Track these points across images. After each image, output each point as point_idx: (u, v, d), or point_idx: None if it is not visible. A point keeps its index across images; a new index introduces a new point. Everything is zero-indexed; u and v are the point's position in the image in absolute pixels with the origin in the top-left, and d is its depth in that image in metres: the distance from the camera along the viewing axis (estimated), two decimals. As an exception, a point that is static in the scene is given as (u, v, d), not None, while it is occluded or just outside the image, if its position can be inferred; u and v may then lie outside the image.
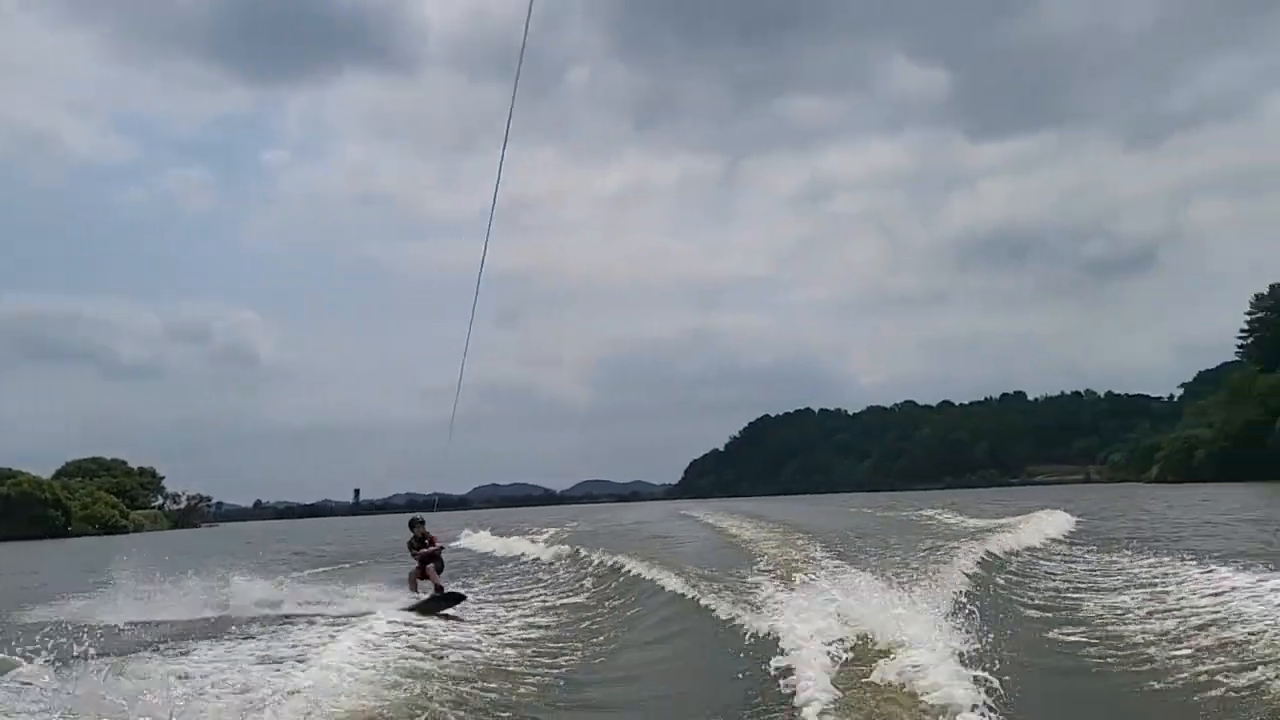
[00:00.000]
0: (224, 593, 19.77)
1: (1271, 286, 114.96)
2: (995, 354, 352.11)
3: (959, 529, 29.31)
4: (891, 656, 8.26)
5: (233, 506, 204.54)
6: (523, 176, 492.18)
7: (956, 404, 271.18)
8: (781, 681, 8.07)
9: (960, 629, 9.40)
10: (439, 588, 18.29)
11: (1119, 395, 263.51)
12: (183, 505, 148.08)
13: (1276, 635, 9.49)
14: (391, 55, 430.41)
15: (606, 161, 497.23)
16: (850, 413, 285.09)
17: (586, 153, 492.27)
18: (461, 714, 8.84)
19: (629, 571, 18.19)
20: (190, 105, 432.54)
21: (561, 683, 10.30)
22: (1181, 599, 12.62)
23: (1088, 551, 20.88)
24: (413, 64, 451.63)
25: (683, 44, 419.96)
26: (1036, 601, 13.91)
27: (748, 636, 10.20)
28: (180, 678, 9.62)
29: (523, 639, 12.84)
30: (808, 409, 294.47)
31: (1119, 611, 12.45)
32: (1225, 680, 8.02)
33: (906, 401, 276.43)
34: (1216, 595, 12.26)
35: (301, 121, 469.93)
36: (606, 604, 16.20)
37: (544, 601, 17.15)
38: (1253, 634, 9.53)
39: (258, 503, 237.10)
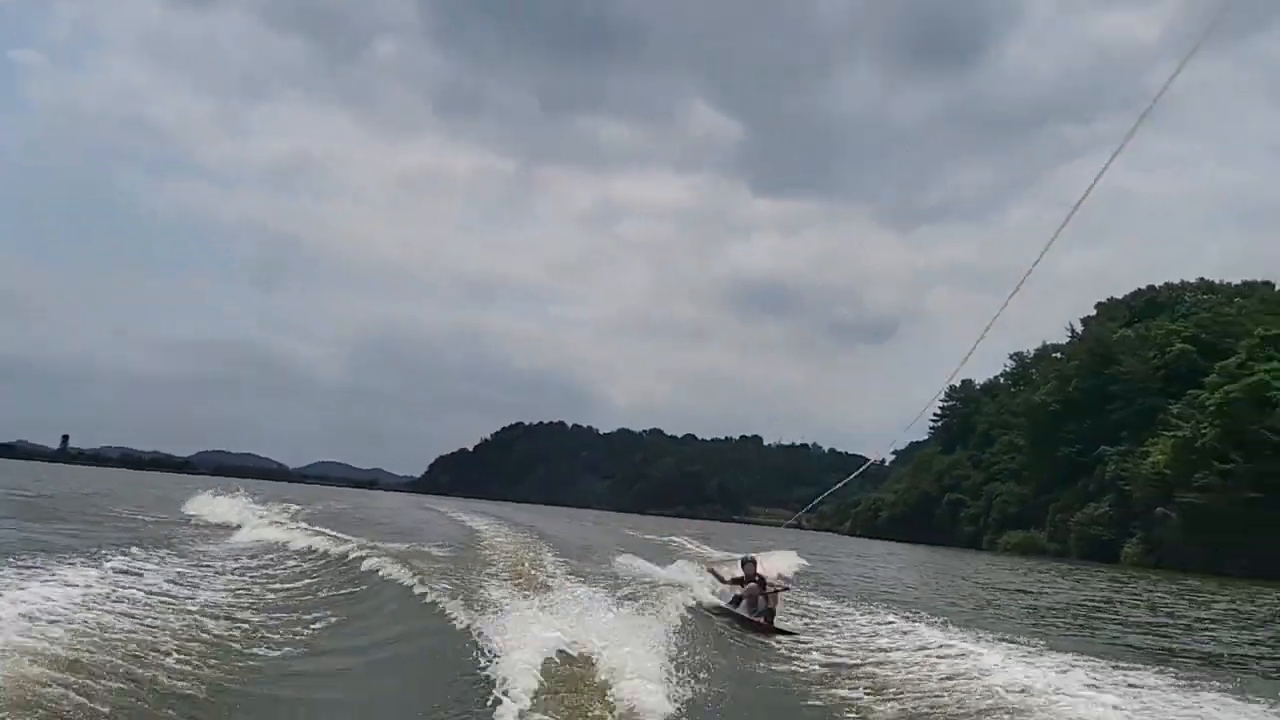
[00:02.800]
0: None
1: (964, 382, 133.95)
2: (742, 396, 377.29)
3: (701, 558, 30.70)
4: (604, 674, 8.39)
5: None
6: (312, 135, 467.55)
7: (700, 438, 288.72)
8: (488, 686, 8.00)
9: (676, 652, 9.85)
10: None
11: (840, 452, 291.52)
12: None
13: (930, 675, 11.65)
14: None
15: (402, 139, 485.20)
16: (601, 431, 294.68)
17: (383, 126, 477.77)
18: (138, 701, 7.91)
19: (364, 561, 17.43)
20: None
21: (258, 672, 9.58)
22: (877, 641, 14.52)
23: (811, 591, 23.25)
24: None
25: (498, 41, 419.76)
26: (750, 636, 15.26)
27: (466, 640, 9.89)
28: None
29: (215, 622, 11.92)
30: (561, 422, 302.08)
31: (823, 648, 13.96)
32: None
33: (654, 429, 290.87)
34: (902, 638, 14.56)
35: (68, 25, 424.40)
36: (329, 593, 15.26)
37: (258, 586, 15.91)
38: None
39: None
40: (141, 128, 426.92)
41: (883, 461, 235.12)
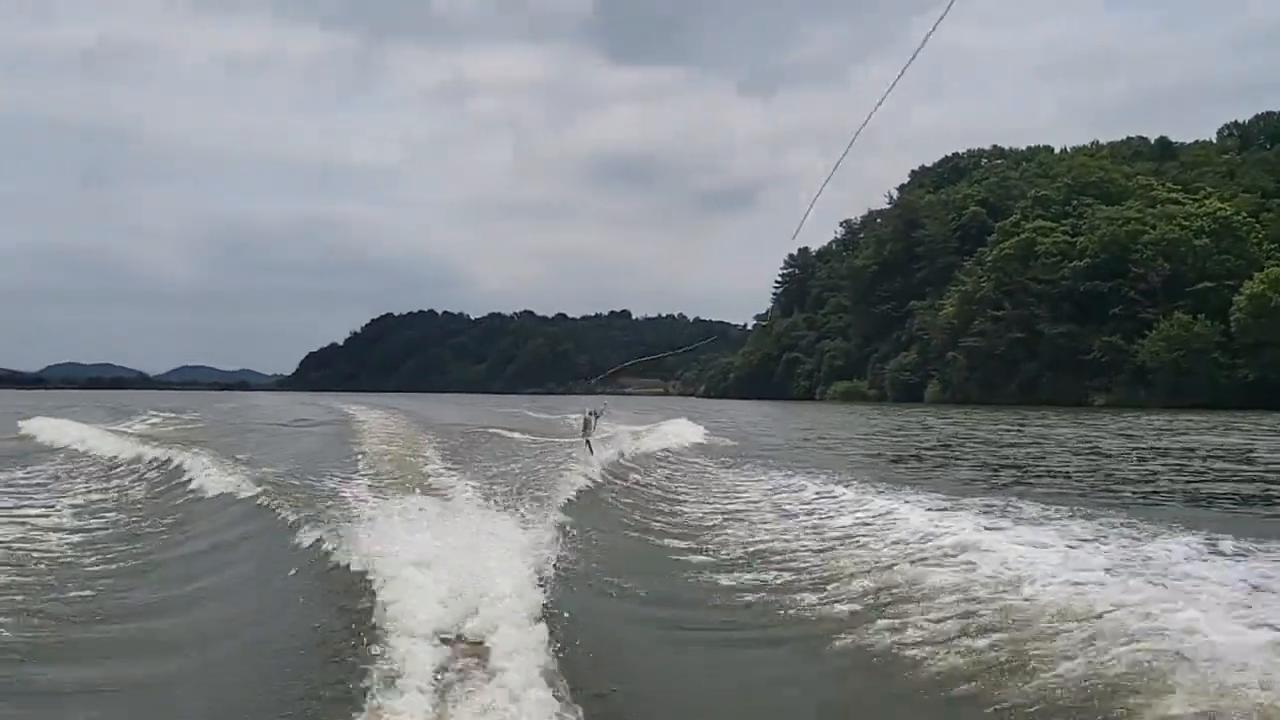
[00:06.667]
0: None
1: (801, 249, 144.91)
2: (610, 272, 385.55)
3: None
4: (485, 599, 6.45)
5: None
6: (130, 14, 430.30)
7: (570, 317, 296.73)
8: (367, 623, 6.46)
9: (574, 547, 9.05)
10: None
11: (706, 320, 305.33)
12: None
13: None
14: None
15: (232, 17, 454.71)
16: (472, 317, 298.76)
17: (205, 5, 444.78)
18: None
19: (254, 483, 14.39)
20: None
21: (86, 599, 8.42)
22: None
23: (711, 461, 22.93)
24: None
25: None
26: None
27: (335, 564, 8.28)
28: None
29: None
30: (431, 311, 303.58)
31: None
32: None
33: (525, 311, 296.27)
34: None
35: None
36: (180, 522, 12.95)
37: (88, 515, 13.56)
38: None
39: None
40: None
41: (744, 325, 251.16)
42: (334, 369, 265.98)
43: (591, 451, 18.90)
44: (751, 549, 10.77)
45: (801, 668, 6.77)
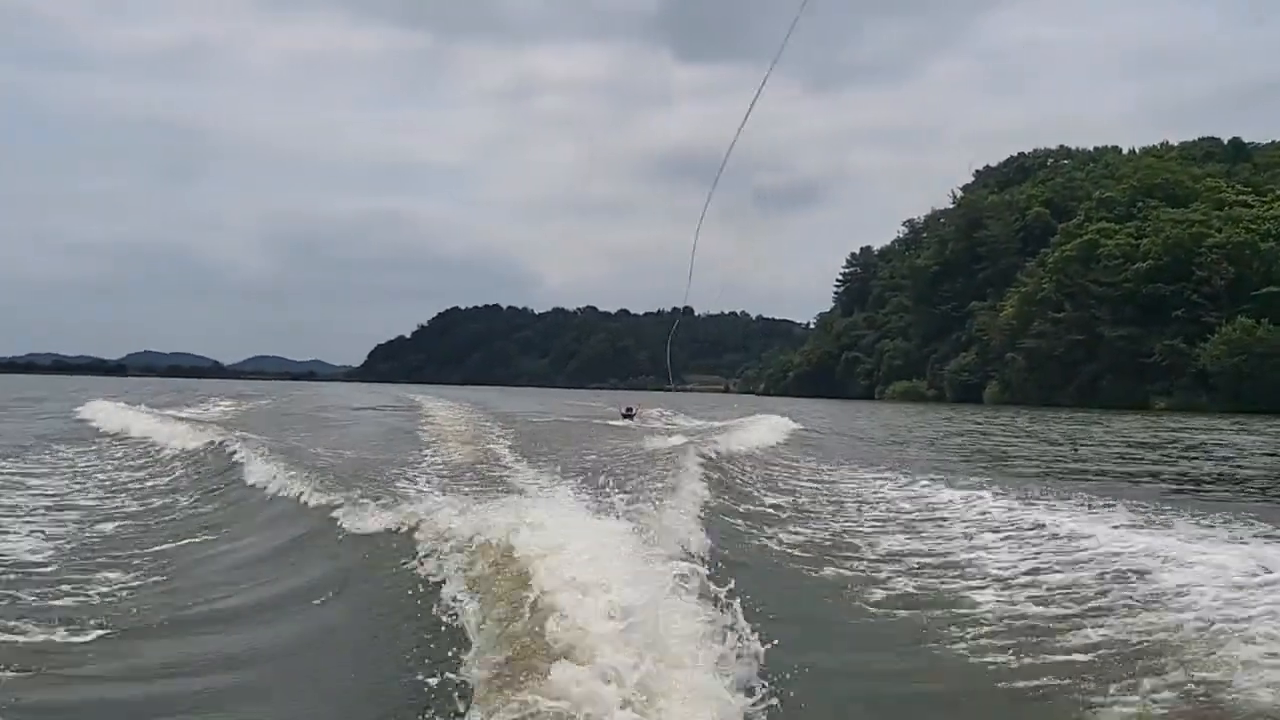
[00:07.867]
0: None
1: (863, 249, 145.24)
2: (671, 268, 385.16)
3: (687, 429, 30.14)
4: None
5: None
6: (202, 16, 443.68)
7: (632, 313, 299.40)
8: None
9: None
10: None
11: (769, 319, 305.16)
12: None
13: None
14: None
15: (301, 14, 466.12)
16: (536, 312, 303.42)
17: (279, 3, 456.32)
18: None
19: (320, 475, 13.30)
20: None
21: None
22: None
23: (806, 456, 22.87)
24: None
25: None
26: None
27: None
28: None
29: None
30: (496, 305, 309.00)
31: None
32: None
33: (589, 307, 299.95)
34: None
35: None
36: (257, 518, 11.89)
37: (157, 511, 12.72)
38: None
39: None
40: (11, 12, 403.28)
41: (807, 324, 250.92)
42: (401, 361, 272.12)
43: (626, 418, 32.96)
44: (897, 557, 9.96)
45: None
